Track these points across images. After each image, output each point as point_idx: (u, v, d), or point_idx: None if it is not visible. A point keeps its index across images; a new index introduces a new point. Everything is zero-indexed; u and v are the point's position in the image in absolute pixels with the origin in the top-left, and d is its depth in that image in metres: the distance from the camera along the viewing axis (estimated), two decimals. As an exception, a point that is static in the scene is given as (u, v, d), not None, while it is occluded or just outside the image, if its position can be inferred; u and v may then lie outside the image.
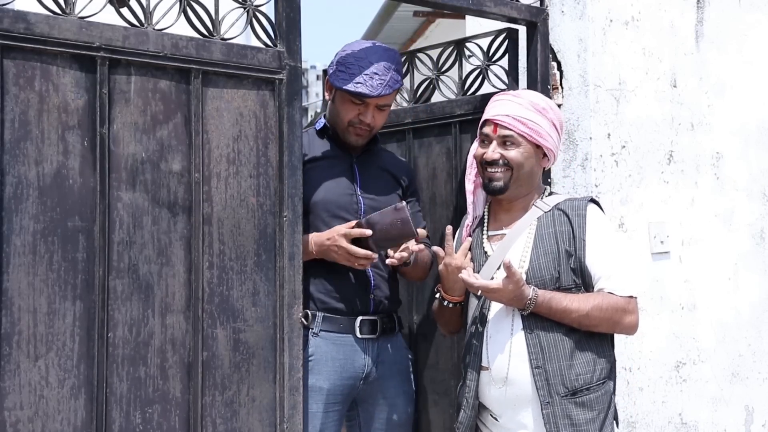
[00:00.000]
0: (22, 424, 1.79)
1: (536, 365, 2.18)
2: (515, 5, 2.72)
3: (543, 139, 2.28)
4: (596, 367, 2.22)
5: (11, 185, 1.79)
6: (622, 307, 2.23)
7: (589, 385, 2.20)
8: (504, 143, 2.28)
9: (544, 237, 2.26)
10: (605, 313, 2.20)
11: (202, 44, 2.05)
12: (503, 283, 2.14)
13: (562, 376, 2.17)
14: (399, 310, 2.67)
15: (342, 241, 2.34)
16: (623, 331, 2.30)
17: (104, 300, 1.90)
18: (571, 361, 2.19)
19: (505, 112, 2.28)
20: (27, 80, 1.82)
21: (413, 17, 7.08)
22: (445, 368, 2.88)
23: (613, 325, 2.25)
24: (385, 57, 2.45)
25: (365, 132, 2.52)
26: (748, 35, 3.40)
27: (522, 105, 2.29)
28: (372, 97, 2.42)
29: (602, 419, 2.21)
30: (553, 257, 2.23)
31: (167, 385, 1.99)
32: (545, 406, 2.17)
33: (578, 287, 2.24)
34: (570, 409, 2.17)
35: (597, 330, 2.24)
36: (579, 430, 2.17)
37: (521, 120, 2.26)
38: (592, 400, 2.19)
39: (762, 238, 3.43)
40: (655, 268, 2.99)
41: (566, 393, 2.17)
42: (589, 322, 2.20)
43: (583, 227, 2.24)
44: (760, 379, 3.40)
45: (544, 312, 2.19)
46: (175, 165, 2.01)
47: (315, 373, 2.41)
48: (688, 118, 3.14)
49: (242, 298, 2.10)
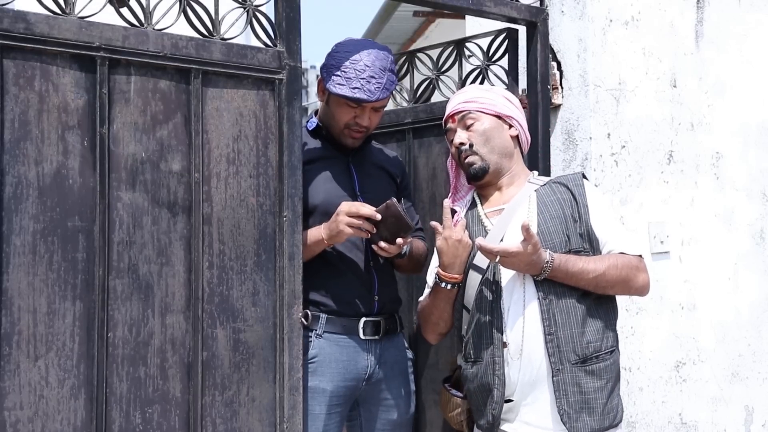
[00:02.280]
0: (22, 424, 1.79)
1: (548, 332, 2.16)
2: (515, 5, 2.72)
3: (499, 108, 2.38)
4: (606, 335, 2.22)
5: (11, 185, 1.79)
6: (635, 264, 2.24)
7: (599, 353, 2.19)
8: (466, 126, 2.37)
9: (548, 204, 2.28)
10: (621, 272, 2.20)
11: (202, 44, 2.05)
12: (522, 246, 2.10)
13: (574, 343, 2.17)
14: (399, 310, 2.67)
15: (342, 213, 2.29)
16: (636, 292, 2.29)
17: (104, 300, 1.90)
18: (582, 328, 2.18)
19: (457, 101, 2.41)
20: (27, 80, 1.82)
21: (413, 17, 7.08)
22: (445, 368, 2.88)
23: (628, 285, 2.24)
24: (380, 58, 2.42)
25: (362, 134, 2.50)
26: (748, 35, 3.40)
27: (466, 92, 2.44)
28: (371, 102, 2.41)
29: (610, 389, 2.20)
30: (560, 221, 2.24)
31: (167, 385, 1.99)
32: (556, 373, 2.16)
33: (586, 252, 2.23)
34: (579, 376, 2.16)
35: (612, 291, 2.24)
36: (587, 398, 2.16)
37: (470, 100, 2.39)
38: (601, 369, 2.19)
39: (762, 238, 3.43)
40: (655, 268, 2.99)
41: (576, 360, 2.16)
42: (606, 281, 2.19)
43: (583, 195, 2.28)
44: (760, 379, 3.40)
45: (560, 275, 2.16)
46: (175, 165, 2.01)
47: (318, 375, 2.40)
48: (688, 118, 3.14)
49: (242, 298, 2.10)
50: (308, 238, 2.33)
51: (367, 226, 2.29)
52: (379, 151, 2.71)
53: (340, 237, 2.33)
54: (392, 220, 2.28)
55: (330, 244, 2.37)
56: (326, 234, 2.34)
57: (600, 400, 2.18)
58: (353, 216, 2.28)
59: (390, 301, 2.57)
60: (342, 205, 2.32)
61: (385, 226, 2.29)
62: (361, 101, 2.40)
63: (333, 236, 2.33)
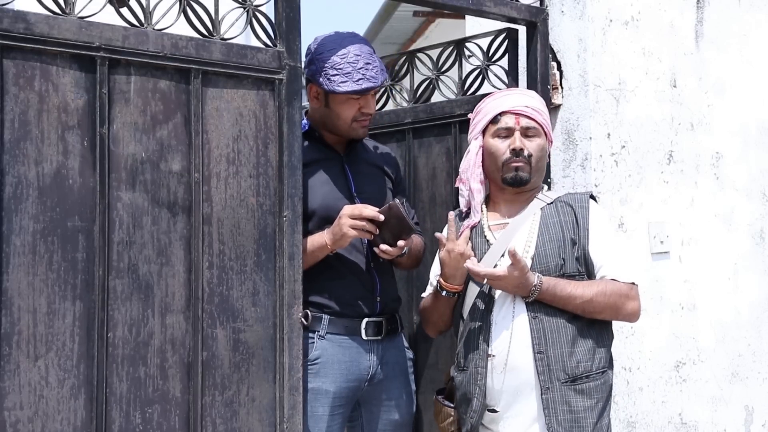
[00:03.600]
0: (22, 424, 1.79)
1: (538, 350, 2.18)
2: (515, 5, 2.72)
3: (550, 130, 2.38)
4: (596, 356, 2.22)
5: (11, 185, 1.79)
6: (625, 293, 2.24)
7: (589, 373, 2.20)
8: (526, 134, 2.31)
9: (549, 225, 2.28)
10: (609, 299, 2.21)
11: (202, 44, 2.05)
12: (508, 271, 2.14)
13: (563, 362, 2.18)
14: (399, 310, 2.67)
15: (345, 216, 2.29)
16: (625, 318, 2.30)
17: (104, 300, 1.90)
18: (572, 348, 2.19)
19: (524, 103, 2.33)
20: (27, 80, 1.82)
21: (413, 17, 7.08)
22: (444, 368, 2.88)
23: (616, 312, 2.25)
24: (362, 43, 2.44)
25: (368, 122, 2.52)
26: (748, 35, 3.40)
27: (533, 98, 2.38)
28: (377, 86, 2.42)
29: (601, 408, 2.20)
30: (558, 244, 2.25)
31: (167, 385, 1.99)
32: (545, 391, 2.17)
33: (581, 275, 2.25)
34: (569, 395, 2.17)
35: (600, 317, 2.25)
36: (577, 417, 2.17)
37: (539, 110, 2.34)
38: (592, 389, 2.19)
39: (762, 238, 3.43)
40: (655, 268, 2.99)
41: (566, 379, 2.17)
42: (593, 308, 2.21)
43: (586, 218, 2.28)
44: (760, 379, 3.40)
45: (548, 299, 2.19)
46: (175, 165, 2.01)
47: (321, 376, 2.40)
48: (688, 118, 3.14)
49: (242, 298, 2.10)
50: (311, 244, 2.33)
51: (370, 227, 2.29)
52: (371, 147, 2.70)
53: (344, 240, 2.33)
54: (394, 221, 2.28)
55: (334, 249, 2.36)
56: (330, 239, 2.34)
57: (590, 419, 2.18)
58: (356, 218, 2.28)
59: (391, 301, 2.57)
60: (345, 209, 2.32)
61: (387, 228, 2.29)
62: (368, 90, 2.41)
63: (337, 240, 2.33)
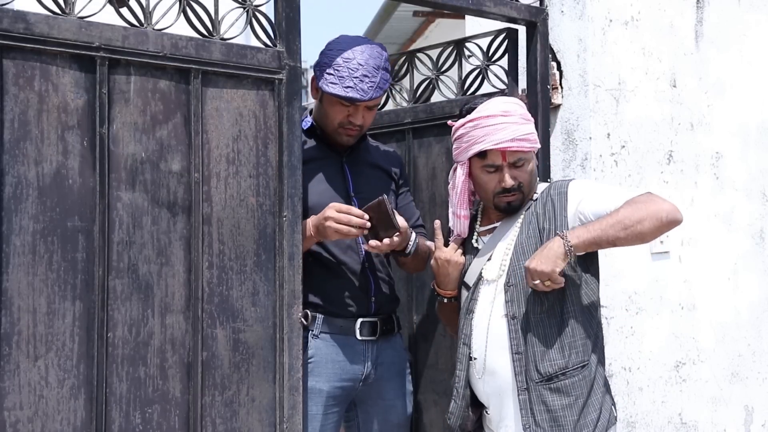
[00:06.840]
0: (22, 424, 1.79)
1: (516, 351, 2.18)
2: (515, 5, 2.72)
3: (536, 137, 2.27)
4: (573, 351, 2.18)
5: (11, 185, 1.79)
6: (647, 198, 2.11)
7: (565, 370, 2.16)
8: (515, 166, 2.23)
9: (530, 222, 2.25)
10: (639, 207, 2.07)
11: (202, 44, 2.05)
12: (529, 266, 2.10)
13: (536, 361, 2.17)
14: (398, 310, 2.67)
15: (331, 211, 2.28)
16: (670, 215, 2.09)
17: (104, 300, 1.90)
18: (544, 347, 2.17)
19: (509, 136, 2.19)
20: (26, 80, 1.82)
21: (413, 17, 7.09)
22: (445, 368, 2.88)
23: (658, 214, 2.08)
24: (374, 56, 2.39)
25: (356, 132, 2.48)
26: (748, 35, 3.40)
27: (516, 122, 2.21)
28: (363, 101, 2.39)
29: (581, 405, 2.17)
30: (535, 238, 2.21)
31: (167, 385, 1.99)
32: (522, 392, 2.17)
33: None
34: (545, 395, 2.16)
35: (647, 228, 2.07)
36: (555, 416, 2.15)
37: (525, 138, 2.21)
38: (568, 386, 2.16)
39: (761, 238, 3.43)
40: (655, 268, 2.99)
41: (540, 379, 2.16)
42: (632, 222, 2.05)
43: (564, 202, 2.21)
44: (760, 379, 3.40)
45: (589, 240, 2.08)
46: (175, 165, 2.02)
47: (315, 375, 2.40)
48: (688, 118, 3.14)
49: (242, 298, 2.10)
50: None
51: (355, 231, 2.29)
52: (374, 148, 2.69)
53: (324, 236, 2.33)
54: (383, 217, 2.29)
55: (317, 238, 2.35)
56: (314, 229, 2.33)
57: (570, 417, 2.16)
58: (343, 223, 2.27)
59: (387, 302, 2.56)
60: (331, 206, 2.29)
61: (377, 223, 2.30)
62: (353, 100, 2.38)
63: (321, 233, 2.33)
